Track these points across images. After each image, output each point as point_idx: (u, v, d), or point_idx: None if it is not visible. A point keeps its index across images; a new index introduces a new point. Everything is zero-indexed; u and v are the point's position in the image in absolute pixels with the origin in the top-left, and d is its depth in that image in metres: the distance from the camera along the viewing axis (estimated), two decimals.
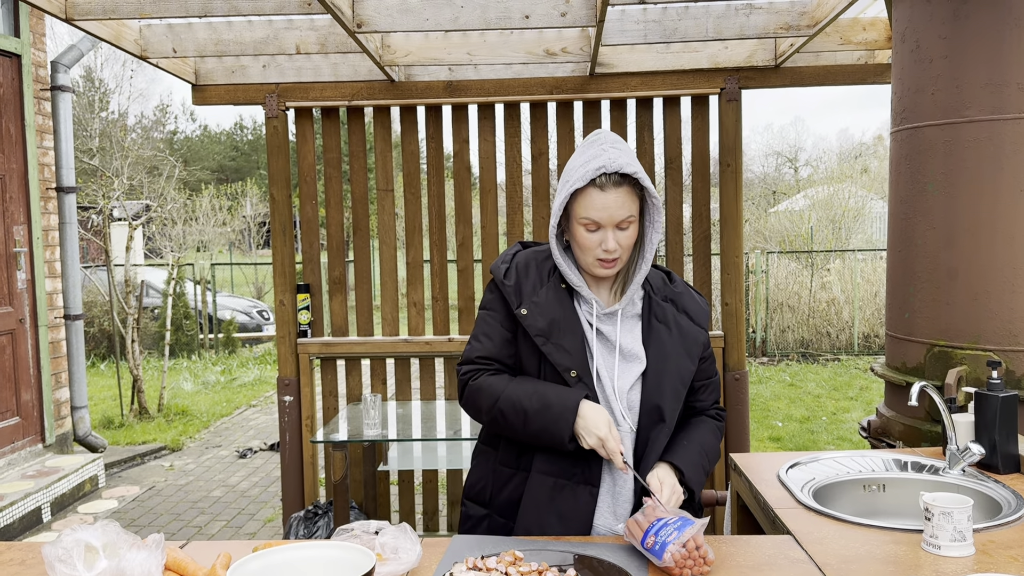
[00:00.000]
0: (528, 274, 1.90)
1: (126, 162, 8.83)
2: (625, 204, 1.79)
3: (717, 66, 4.08)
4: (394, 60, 3.90)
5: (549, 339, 1.84)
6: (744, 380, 4.22)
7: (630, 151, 1.85)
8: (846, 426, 7.23)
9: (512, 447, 1.90)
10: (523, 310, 1.86)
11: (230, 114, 50.85)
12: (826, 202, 14.71)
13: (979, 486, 2.11)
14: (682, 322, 1.92)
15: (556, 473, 1.84)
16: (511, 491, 1.89)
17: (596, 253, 1.82)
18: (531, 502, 1.85)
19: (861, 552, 1.69)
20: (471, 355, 1.91)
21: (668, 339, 1.89)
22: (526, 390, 1.81)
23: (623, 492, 1.87)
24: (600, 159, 1.78)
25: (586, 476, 1.84)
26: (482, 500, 1.96)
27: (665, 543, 1.57)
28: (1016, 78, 2.61)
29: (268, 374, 10.13)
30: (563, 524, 1.84)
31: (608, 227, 1.80)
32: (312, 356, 4.37)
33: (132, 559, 1.44)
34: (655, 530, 1.61)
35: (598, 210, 1.78)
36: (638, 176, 1.79)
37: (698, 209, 4.30)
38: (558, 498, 1.84)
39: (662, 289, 1.95)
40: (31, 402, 5.53)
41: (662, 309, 1.92)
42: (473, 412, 1.90)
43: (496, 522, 1.92)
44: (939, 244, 2.78)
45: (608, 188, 1.78)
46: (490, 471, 1.95)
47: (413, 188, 4.37)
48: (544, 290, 1.88)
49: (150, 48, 3.82)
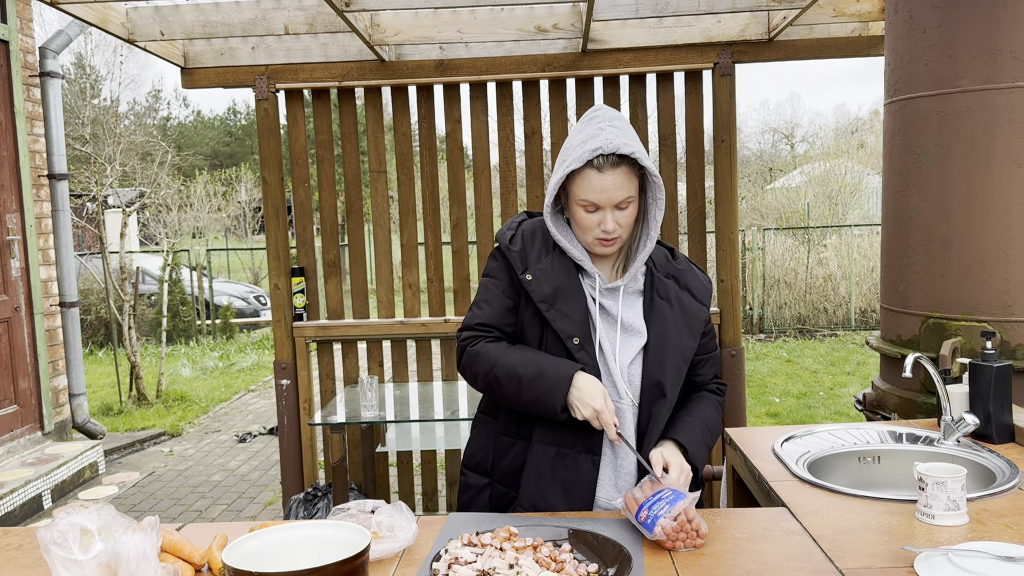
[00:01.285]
0: (534, 242, 1.89)
1: (119, 148, 8.78)
2: (623, 185, 1.78)
3: (710, 40, 4.05)
4: (384, 39, 3.87)
5: (553, 306, 1.83)
6: (740, 356, 4.23)
7: (629, 129, 1.83)
8: (843, 401, 7.25)
9: (512, 416, 1.90)
10: (528, 276, 1.85)
11: (223, 99, 50.60)
12: (823, 178, 14.70)
13: (973, 456, 2.11)
14: (684, 299, 1.92)
15: (557, 442, 1.84)
16: (512, 460, 1.90)
17: (595, 233, 1.82)
18: (533, 472, 1.86)
19: (855, 523, 1.70)
20: (471, 321, 1.91)
21: (670, 315, 1.89)
22: (522, 358, 1.81)
23: (625, 465, 1.87)
24: (597, 139, 1.76)
25: (587, 445, 1.84)
26: (483, 469, 1.96)
27: (656, 517, 1.58)
28: (1010, 47, 2.59)
29: (266, 359, 10.13)
30: (566, 494, 1.84)
31: (607, 208, 1.79)
32: (308, 339, 4.36)
33: (128, 542, 1.44)
34: (649, 504, 1.61)
35: (596, 192, 1.77)
36: (636, 155, 1.77)
37: (693, 186, 4.29)
38: (560, 468, 1.84)
39: (664, 266, 1.95)
40: (29, 390, 5.52)
41: (664, 286, 1.91)
42: (470, 378, 1.91)
43: (497, 491, 1.92)
44: (933, 216, 2.77)
45: (605, 169, 1.76)
46: (491, 440, 1.95)
47: (406, 169, 4.35)
48: (549, 258, 1.87)
49: (137, 31, 3.78)
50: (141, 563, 1.41)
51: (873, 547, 1.57)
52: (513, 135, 4.32)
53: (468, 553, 1.47)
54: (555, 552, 1.49)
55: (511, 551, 1.47)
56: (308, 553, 1.46)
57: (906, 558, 1.51)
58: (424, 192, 4.36)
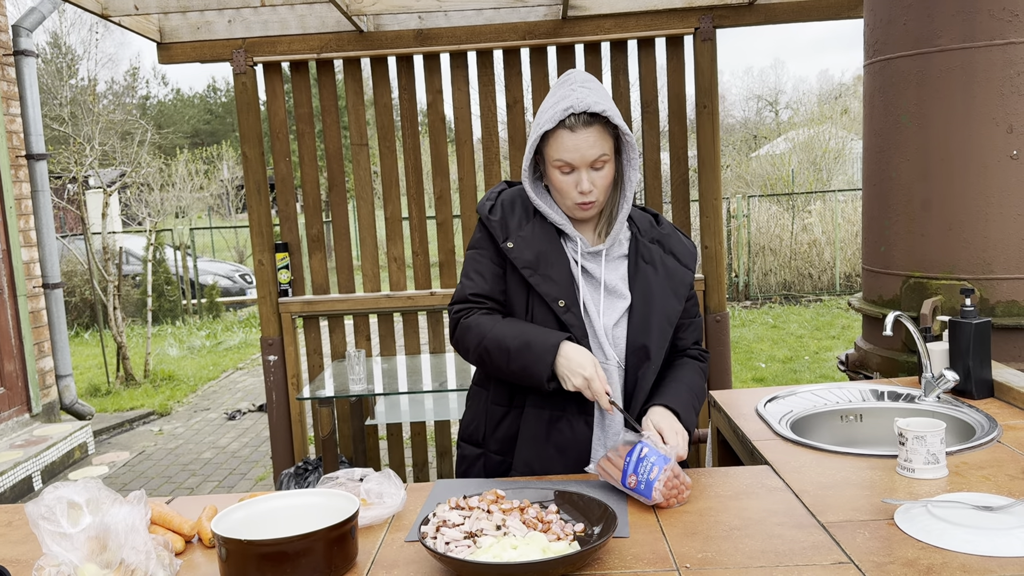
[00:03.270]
0: (514, 210, 1.90)
1: (97, 128, 8.68)
2: (596, 143, 1.78)
3: (691, 5, 4.03)
4: (362, 9, 3.83)
5: (536, 271, 1.84)
6: (725, 322, 4.25)
7: (602, 89, 1.83)
8: (828, 364, 7.32)
9: (503, 385, 1.91)
10: (509, 243, 1.86)
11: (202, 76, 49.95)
12: (807, 144, 14.71)
13: (953, 411, 2.15)
14: (668, 262, 1.93)
15: (550, 406, 1.86)
16: (506, 428, 1.91)
17: (573, 196, 1.83)
18: (528, 436, 1.87)
19: (837, 478, 1.72)
20: (463, 293, 1.91)
21: (654, 279, 1.90)
22: (512, 330, 1.82)
23: (613, 425, 1.88)
24: (569, 99, 1.77)
25: (580, 407, 1.85)
26: (476, 440, 1.97)
27: (651, 481, 1.59)
28: (987, 5, 2.59)
29: (253, 337, 10.11)
30: (562, 456, 1.86)
31: (581, 168, 1.79)
32: (294, 315, 4.36)
33: (116, 514, 1.44)
34: (632, 468, 1.62)
35: (569, 151, 1.78)
36: (608, 114, 1.78)
37: (676, 153, 4.29)
38: (554, 431, 1.86)
39: (649, 231, 1.96)
40: (15, 372, 5.50)
41: (648, 250, 1.92)
42: (462, 351, 1.91)
43: (492, 460, 1.93)
44: (913, 176, 2.79)
45: (577, 128, 1.77)
46: (483, 411, 1.96)
47: (388, 142, 4.33)
48: (530, 225, 1.88)
49: (111, 5, 3.73)
50: (131, 535, 1.41)
51: (854, 501, 1.60)
52: (495, 105, 4.30)
53: (456, 516, 1.48)
54: (541, 513, 1.51)
55: (498, 513, 1.49)
56: (297, 521, 1.48)
57: (886, 511, 1.54)
58: (407, 165, 4.34)
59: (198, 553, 1.56)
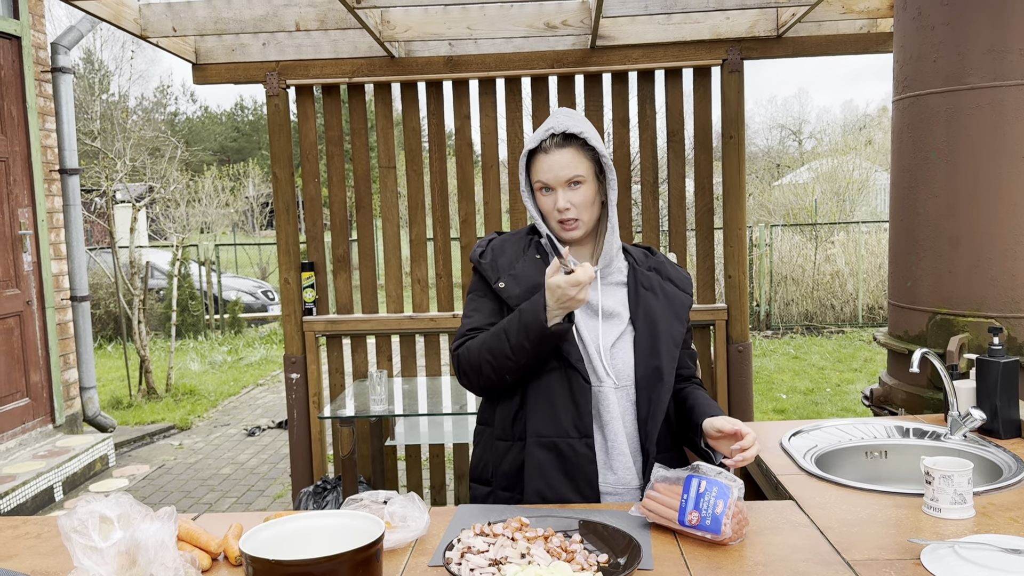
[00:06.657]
0: (504, 251, 1.98)
1: (128, 143, 8.83)
2: (570, 164, 1.87)
3: (719, 37, 4.06)
4: (394, 36, 3.89)
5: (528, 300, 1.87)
6: (748, 352, 4.24)
7: (583, 119, 1.94)
8: (850, 397, 7.25)
9: (505, 418, 1.93)
10: (501, 283, 1.93)
11: (230, 95, 50.65)
12: (830, 174, 14.67)
13: (980, 451, 2.13)
14: (667, 288, 2.00)
15: (551, 433, 1.87)
16: (511, 462, 1.92)
17: (554, 216, 1.91)
18: (533, 467, 1.88)
19: (862, 515, 1.71)
20: (463, 330, 1.97)
21: (656, 303, 1.95)
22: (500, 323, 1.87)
23: (616, 446, 1.88)
24: (549, 123, 1.91)
25: (580, 429, 1.86)
26: (484, 478, 1.99)
27: (717, 516, 1.55)
28: (1018, 44, 2.60)
29: (274, 353, 10.18)
30: (570, 481, 1.87)
31: (557, 187, 1.88)
32: (318, 334, 4.39)
33: (146, 529, 1.47)
34: (693, 505, 1.58)
35: (544, 172, 1.89)
36: (585, 135, 1.87)
37: (701, 182, 4.30)
38: (559, 458, 1.87)
39: (644, 261, 2.04)
40: (40, 383, 5.57)
41: (647, 277, 1.99)
42: (465, 378, 1.93)
43: (500, 497, 1.95)
44: (941, 212, 2.78)
45: (551, 150, 1.88)
46: (488, 448, 1.99)
47: (415, 165, 4.37)
48: (521, 263, 1.96)
49: (150, 27, 3.81)
50: (160, 551, 1.44)
51: (880, 539, 1.59)
52: (522, 131, 4.34)
53: (480, 542, 1.49)
54: (565, 542, 1.51)
55: (523, 541, 1.50)
56: (323, 542, 1.49)
57: (913, 550, 1.53)
58: (433, 188, 4.38)
59: (224, 571, 1.57)
